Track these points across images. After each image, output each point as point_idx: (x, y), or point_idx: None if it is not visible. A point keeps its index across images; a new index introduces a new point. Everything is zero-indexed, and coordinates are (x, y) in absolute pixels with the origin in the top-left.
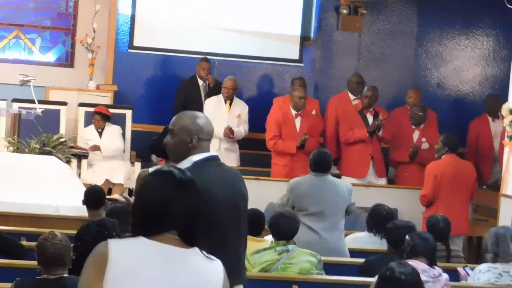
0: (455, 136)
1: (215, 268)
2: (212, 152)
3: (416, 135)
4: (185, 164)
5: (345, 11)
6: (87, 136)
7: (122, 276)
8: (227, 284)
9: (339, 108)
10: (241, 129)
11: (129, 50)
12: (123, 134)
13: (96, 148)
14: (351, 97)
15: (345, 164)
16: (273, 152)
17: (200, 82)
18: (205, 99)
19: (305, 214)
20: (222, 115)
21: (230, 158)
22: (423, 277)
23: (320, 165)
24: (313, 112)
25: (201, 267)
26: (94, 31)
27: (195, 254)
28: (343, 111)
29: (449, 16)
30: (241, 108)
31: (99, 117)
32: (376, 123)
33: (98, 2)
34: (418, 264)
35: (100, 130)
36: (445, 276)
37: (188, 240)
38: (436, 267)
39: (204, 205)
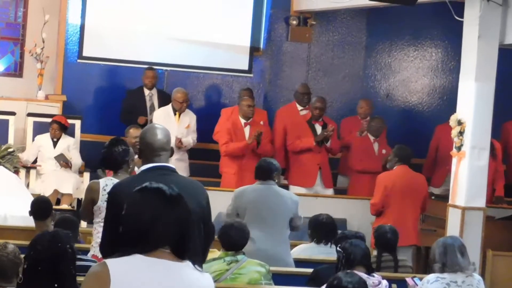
0: (407, 148)
1: (206, 280)
2: (166, 163)
3: (376, 146)
4: (137, 172)
5: (294, 22)
6: (40, 143)
7: None
8: None
9: (287, 118)
10: (190, 139)
11: (79, 60)
12: None
13: (67, 165)
14: (299, 107)
15: (293, 174)
16: (223, 159)
17: (146, 91)
18: (150, 109)
19: (248, 222)
20: (171, 126)
21: (180, 168)
22: None
23: (263, 173)
24: (261, 122)
25: (197, 280)
26: (43, 41)
27: (189, 267)
28: (291, 121)
29: (398, 28)
30: (189, 118)
31: (57, 127)
32: (324, 133)
33: (47, 12)
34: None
35: (55, 140)
36: (384, 283)
37: (180, 254)
38: (375, 274)
39: (116, 212)
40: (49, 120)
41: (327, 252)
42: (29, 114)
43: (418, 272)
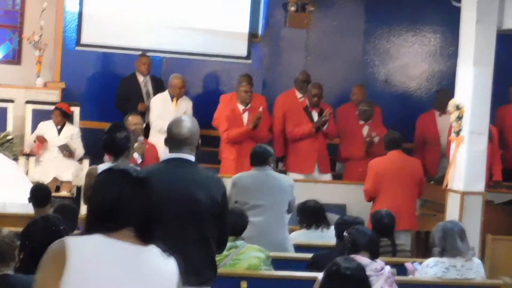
0: (395, 132)
1: (170, 265)
2: (186, 155)
3: (365, 130)
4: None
5: (293, 8)
6: (43, 130)
7: (81, 274)
8: (180, 282)
9: (286, 105)
10: None
11: (77, 48)
12: None
13: (70, 155)
14: (298, 94)
15: (291, 160)
16: (222, 145)
17: (141, 78)
18: (146, 95)
19: (247, 208)
20: (169, 112)
21: None
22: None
23: (259, 159)
24: (260, 108)
25: (157, 265)
26: (41, 29)
27: (152, 251)
28: (289, 108)
29: (396, 13)
30: (187, 104)
31: (58, 113)
32: (322, 119)
33: (45, 0)
34: (360, 259)
35: (59, 127)
36: (387, 269)
37: (144, 237)
38: (378, 260)
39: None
40: (48, 107)
41: (321, 237)
42: (28, 102)
43: (418, 257)
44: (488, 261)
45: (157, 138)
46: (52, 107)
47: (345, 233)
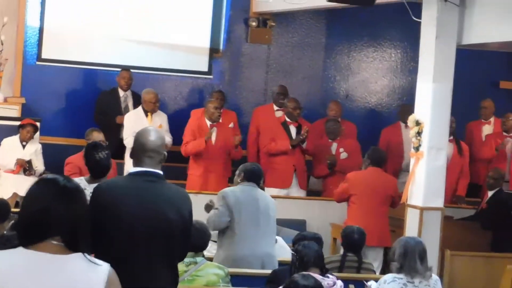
0: (381, 151)
1: (97, 271)
2: (154, 169)
3: (334, 147)
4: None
5: (254, 23)
6: (8, 146)
7: None
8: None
9: (262, 118)
10: (168, 139)
11: (37, 62)
12: None
13: (30, 174)
14: (275, 108)
15: (268, 175)
16: (190, 161)
17: (121, 93)
18: (124, 110)
19: (242, 224)
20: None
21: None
22: None
23: (255, 177)
24: (231, 125)
25: (80, 272)
26: (2, 43)
27: (76, 259)
28: (266, 122)
29: (357, 29)
30: (161, 118)
31: (31, 129)
32: (300, 137)
33: (5, 14)
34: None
35: (24, 143)
36: (339, 283)
37: (72, 246)
38: (329, 275)
39: (93, 212)
40: (8, 122)
41: None
42: None
43: (386, 273)
44: (447, 276)
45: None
46: (12, 123)
47: (291, 251)
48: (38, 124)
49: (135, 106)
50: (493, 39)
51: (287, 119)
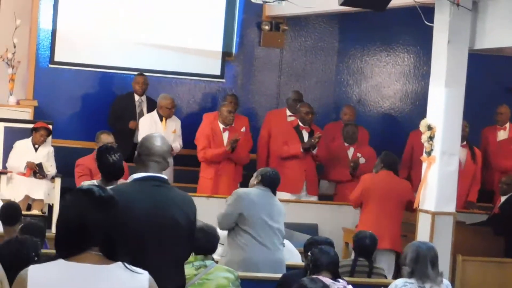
0: (393, 155)
1: (139, 280)
2: (158, 174)
3: (351, 151)
4: (129, 180)
5: (267, 27)
6: (21, 149)
7: None
8: None
9: (274, 122)
10: (177, 144)
11: (50, 65)
12: None
13: (42, 178)
14: (288, 113)
15: None
16: (202, 164)
17: (136, 97)
18: (139, 115)
19: (253, 227)
20: (159, 132)
21: (165, 174)
22: None
23: (272, 183)
24: (243, 129)
25: (123, 281)
26: (15, 46)
27: (117, 269)
28: (278, 126)
29: (370, 33)
30: (175, 123)
31: (45, 133)
32: (312, 141)
33: (18, 17)
34: (322, 279)
35: (36, 146)
36: None
37: (110, 255)
38: (340, 280)
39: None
40: (20, 125)
41: None
42: (0, 120)
43: (397, 278)
44: (459, 282)
45: None
46: (24, 125)
47: (309, 253)
48: (50, 127)
49: (150, 111)
50: (506, 44)
51: (300, 124)
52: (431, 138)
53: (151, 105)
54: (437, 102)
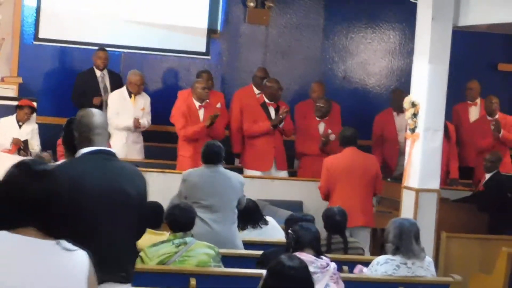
0: (351, 129)
1: (78, 258)
2: (105, 147)
3: (321, 126)
4: (76, 156)
5: (252, 4)
6: (4, 126)
7: None
8: (93, 274)
9: (243, 101)
10: (145, 121)
11: (34, 42)
12: None
13: (26, 155)
14: (256, 91)
15: (248, 157)
16: (180, 143)
17: (98, 73)
18: (103, 90)
19: (198, 206)
20: (127, 109)
21: (135, 150)
22: (311, 269)
23: (210, 157)
24: (218, 105)
25: (62, 259)
26: None
27: (56, 246)
28: (247, 104)
29: (355, 10)
30: (144, 100)
31: (29, 110)
32: (280, 116)
33: None
34: (305, 256)
35: (21, 123)
36: (332, 265)
37: (49, 232)
38: (323, 257)
39: (66, 196)
40: (4, 102)
41: (259, 234)
42: None
43: (374, 254)
44: (443, 258)
45: (114, 136)
46: (9, 102)
47: (289, 231)
48: (35, 104)
49: (113, 84)
50: (490, 20)
51: (266, 100)
52: (415, 115)
53: (114, 79)
54: (421, 79)
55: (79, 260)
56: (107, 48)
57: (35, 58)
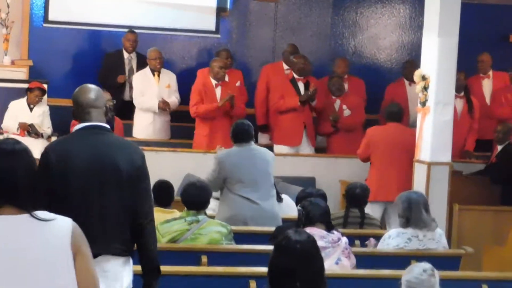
0: (395, 105)
1: (57, 227)
2: (101, 122)
3: (337, 104)
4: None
5: None
6: (16, 109)
7: None
8: (79, 239)
9: (271, 75)
10: (174, 99)
11: (44, 25)
12: None
13: (37, 137)
14: (285, 66)
15: (277, 133)
16: (196, 121)
17: (126, 55)
18: (129, 72)
19: (241, 186)
20: (152, 88)
21: (162, 130)
22: (321, 243)
23: (242, 136)
24: (238, 83)
25: (39, 229)
26: (8, 6)
27: (30, 218)
28: (275, 79)
29: None
30: (169, 77)
31: (39, 93)
32: (309, 93)
33: None
34: (316, 231)
35: (32, 106)
36: (344, 240)
37: (25, 206)
38: (335, 231)
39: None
40: (15, 85)
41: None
42: None
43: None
44: (455, 231)
45: (139, 116)
46: (19, 85)
47: (298, 206)
48: (45, 86)
49: (139, 68)
50: None
51: (295, 76)
52: (425, 88)
53: (141, 62)
54: (431, 52)
55: (58, 228)
56: (116, 29)
57: (45, 40)
